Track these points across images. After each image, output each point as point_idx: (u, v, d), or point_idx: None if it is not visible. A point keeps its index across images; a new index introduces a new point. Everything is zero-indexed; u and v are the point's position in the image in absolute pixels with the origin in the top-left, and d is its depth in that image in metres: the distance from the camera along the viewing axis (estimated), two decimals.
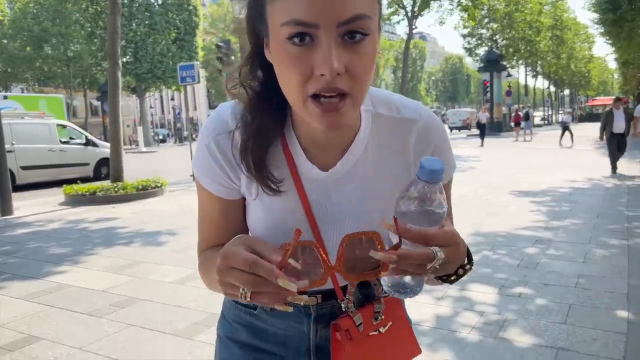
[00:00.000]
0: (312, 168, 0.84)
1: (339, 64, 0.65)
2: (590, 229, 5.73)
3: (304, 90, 0.68)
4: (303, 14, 0.64)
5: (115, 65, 9.86)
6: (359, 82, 0.69)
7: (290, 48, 0.67)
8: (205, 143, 0.85)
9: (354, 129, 0.84)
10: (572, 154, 15.75)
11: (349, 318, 0.90)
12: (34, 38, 32.10)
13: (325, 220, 0.87)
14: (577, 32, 52.79)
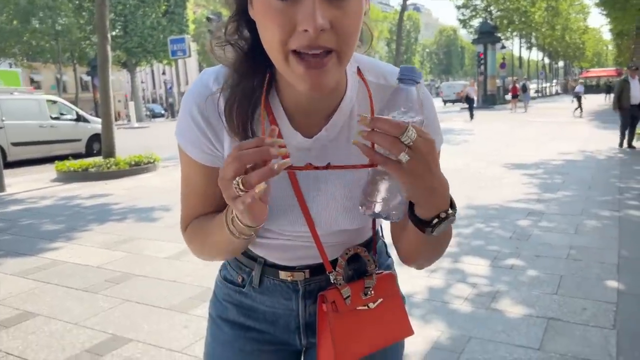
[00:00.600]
0: (296, 135, 0.82)
1: (323, 19, 0.63)
2: (582, 201, 5.78)
3: (286, 46, 0.66)
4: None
5: (104, 39, 9.67)
6: (345, 39, 0.66)
7: (273, 2, 0.65)
8: (188, 109, 0.83)
9: (339, 93, 0.82)
10: (566, 126, 15.76)
11: (336, 290, 0.90)
12: (21, 11, 31.37)
13: (309, 187, 0.86)
14: (572, 3, 52.27)
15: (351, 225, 0.89)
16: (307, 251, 0.93)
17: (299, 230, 0.89)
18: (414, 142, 0.63)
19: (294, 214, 0.87)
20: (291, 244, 0.93)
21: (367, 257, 0.94)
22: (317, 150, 0.84)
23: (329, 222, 0.88)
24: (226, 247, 0.83)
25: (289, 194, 0.86)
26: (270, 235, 0.93)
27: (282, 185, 0.85)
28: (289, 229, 0.89)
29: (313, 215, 0.87)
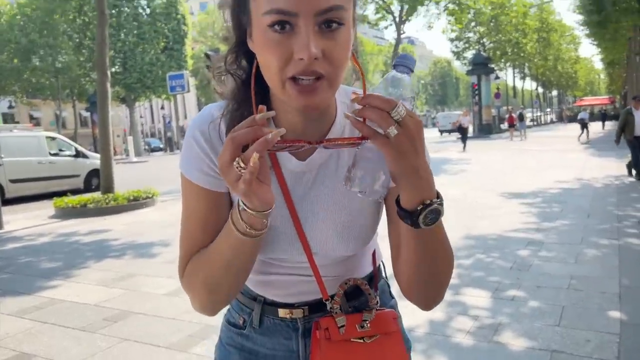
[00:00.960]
0: (291, 158, 0.86)
1: (316, 49, 0.69)
2: (581, 230, 5.78)
3: (284, 73, 0.72)
4: (284, 4, 0.69)
5: (104, 76, 9.81)
6: (335, 66, 0.73)
7: (272, 35, 0.71)
8: (191, 134, 0.87)
9: (329, 119, 0.87)
10: (562, 154, 15.88)
11: (331, 318, 0.91)
12: (22, 50, 31.84)
13: (305, 210, 0.89)
14: (563, 34, 53.40)
15: (347, 250, 0.91)
16: (306, 286, 0.93)
17: (297, 258, 0.90)
18: (402, 119, 0.68)
19: (291, 238, 0.89)
20: (290, 279, 0.94)
21: (367, 290, 0.95)
22: (310, 174, 0.88)
23: (325, 246, 0.90)
24: (234, 257, 0.81)
25: (285, 218, 0.88)
26: (269, 270, 0.94)
27: (279, 209, 0.87)
28: (286, 255, 0.91)
29: (309, 239, 0.89)
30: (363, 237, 0.93)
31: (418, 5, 24.63)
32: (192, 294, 0.90)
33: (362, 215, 0.91)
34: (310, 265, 0.90)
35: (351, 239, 0.90)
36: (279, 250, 0.90)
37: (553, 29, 48.12)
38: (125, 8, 33.18)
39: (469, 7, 27.14)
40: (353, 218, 0.90)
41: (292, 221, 0.88)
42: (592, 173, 10.69)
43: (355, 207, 0.90)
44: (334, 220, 0.89)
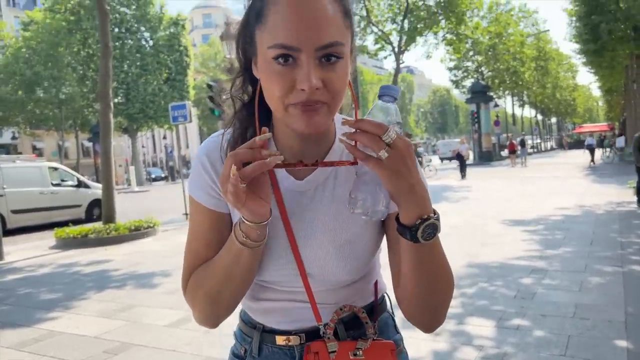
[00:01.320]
0: (289, 177, 0.91)
1: (316, 80, 0.75)
2: (585, 257, 5.74)
3: (286, 101, 0.78)
4: (288, 40, 0.75)
5: (107, 107, 9.93)
6: (334, 95, 0.79)
7: (276, 66, 0.77)
8: (199, 158, 0.94)
9: (328, 142, 0.93)
10: (562, 181, 15.89)
11: (322, 342, 0.91)
12: (26, 82, 32.26)
13: (300, 227, 0.91)
14: (560, 62, 54.03)
15: (343, 272, 0.92)
16: (303, 313, 0.94)
17: (292, 281, 0.92)
18: (393, 142, 0.73)
19: (286, 258, 0.91)
20: (287, 306, 0.95)
21: (364, 318, 0.95)
22: (308, 194, 0.92)
23: (320, 267, 0.91)
24: (234, 266, 0.85)
25: (281, 237, 0.91)
26: (268, 296, 0.96)
27: (275, 228, 0.90)
28: (282, 277, 0.92)
29: (304, 259, 0.91)
30: (359, 260, 0.93)
31: (416, 36, 25.02)
32: (194, 306, 0.94)
33: (359, 238, 0.92)
34: (305, 287, 0.91)
35: (347, 260, 0.91)
36: (275, 271, 0.91)
37: (550, 58, 48.74)
38: (128, 40, 33.77)
39: (466, 37, 27.55)
40: (350, 239, 0.91)
41: (288, 241, 0.91)
42: (594, 200, 10.68)
43: (352, 229, 0.92)
44: (330, 240, 0.91)
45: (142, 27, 34.71)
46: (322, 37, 0.75)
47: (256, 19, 0.81)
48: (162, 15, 35.31)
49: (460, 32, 25.63)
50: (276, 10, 0.77)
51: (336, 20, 0.78)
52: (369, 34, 25.30)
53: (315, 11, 0.76)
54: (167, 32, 35.48)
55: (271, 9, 0.78)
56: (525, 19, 43.53)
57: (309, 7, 0.76)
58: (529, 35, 42.03)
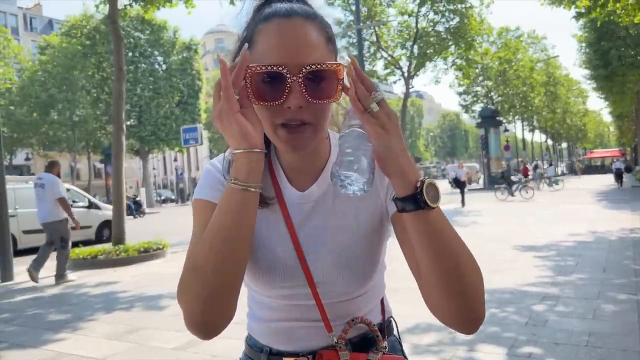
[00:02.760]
0: (292, 189, 0.96)
1: (301, 99, 0.82)
2: (598, 284, 5.65)
3: (275, 121, 0.85)
4: (273, 60, 0.82)
5: (119, 130, 10.06)
6: (318, 115, 0.86)
7: (264, 87, 0.83)
8: (208, 166, 1.01)
9: (324, 156, 0.98)
10: (574, 206, 15.73)
11: (334, 352, 0.92)
12: (41, 104, 32.89)
13: (302, 237, 0.95)
14: (570, 88, 54.09)
15: (343, 282, 0.93)
16: (311, 332, 0.95)
17: (301, 290, 0.93)
18: (381, 102, 0.80)
19: (293, 266, 0.93)
20: (295, 326, 0.96)
21: (375, 331, 0.97)
22: (309, 206, 0.96)
23: (326, 275, 0.93)
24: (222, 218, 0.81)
25: (287, 245, 0.94)
26: (275, 316, 0.97)
27: (282, 236, 0.94)
28: (290, 283, 0.93)
29: (311, 268, 0.93)
30: (359, 270, 0.95)
31: (426, 61, 25.25)
32: (180, 296, 0.87)
33: (359, 246, 0.95)
34: (312, 295, 0.93)
35: (346, 270, 0.93)
36: (282, 282, 0.93)
37: (560, 83, 48.84)
38: (142, 64, 34.41)
39: (476, 62, 27.78)
40: (350, 247, 0.94)
41: (294, 249, 0.93)
42: (607, 226, 10.55)
43: (351, 238, 0.95)
44: (330, 250, 0.94)
45: (156, 51, 35.39)
46: (306, 58, 0.82)
47: (247, 45, 0.87)
48: (176, 40, 36.02)
49: (469, 57, 25.82)
50: (263, 36, 0.85)
51: (319, 46, 0.85)
52: (379, 59, 25.58)
53: (298, 37, 0.83)
54: (180, 57, 36.12)
55: (259, 36, 0.85)
56: (534, 45, 43.86)
57: (293, 33, 0.83)
58: (539, 61, 42.20)
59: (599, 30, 25.17)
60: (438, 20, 24.91)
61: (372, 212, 0.97)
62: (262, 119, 0.85)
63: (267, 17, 0.86)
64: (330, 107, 0.88)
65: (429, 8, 24.66)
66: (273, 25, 0.84)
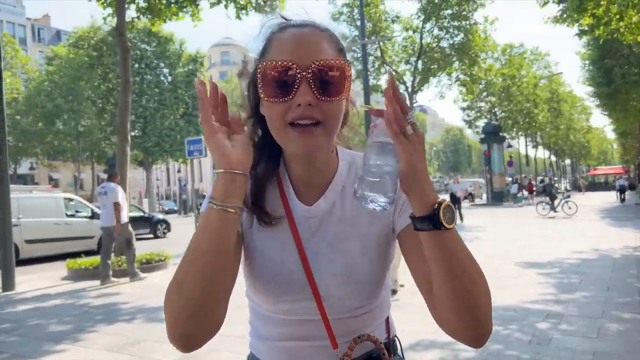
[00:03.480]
0: (299, 204, 0.98)
1: (311, 96, 0.84)
2: (602, 303, 5.61)
3: (286, 118, 0.86)
4: (286, 57, 0.85)
5: (124, 140, 10.10)
6: (328, 115, 0.87)
7: (276, 87, 0.86)
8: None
9: (331, 170, 1.00)
10: (577, 223, 15.67)
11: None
12: (47, 114, 33.10)
13: (310, 249, 0.96)
14: (574, 105, 54.15)
15: (347, 295, 0.94)
16: (315, 351, 0.95)
17: (307, 304, 0.93)
18: (413, 124, 0.80)
19: (299, 279, 0.94)
20: (296, 345, 0.96)
21: (381, 349, 0.97)
22: (316, 220, 0.97)
23: (328, 290, 0.93)
24: (207, 235, 0.81)
25: (294, 258, 0.95)
26: (278, 332, 0.97)
27: (289, 250, 0.95)
28: (295, 300, 0.94)
29: (316, 281, 0.93)
30: (364, 284, 0.95)
31: (430, 77, 25.38)
32: (165, 305, 0.85)
33: (365, 260, 0.95)
34: (318, 307, 0.93)
35: (351, 283, 0.94)
36: (288, 295, 0.94)
37: (563, 100, 48.90)
38: (148, 76, 34.65)
39: (480, 78, 27.89)
40: (356, 261, 0.95)
41: (300, 262, 0.94)
42: (610, 243, 10.49)
43: (358, 252, 0.96)
44: (338, 263, 0.95)
45: (162, 63, 35.66)
46: (315, 57, 0.85)
47: (261, 56, 0.93)
48: (182, 52, 36.31)
49: (473, 73, 25.94)
50: (276, 42, 0.90)
51: (330, 50, 0.89)
52: (383, 74, 25.70)
53: (310, 40, 0.88)
54: (186, 69, 36.39)
55: (273, 43, 0.90)
56: (538, 62, 44.00)
57: (305, 38, 0.88)
58: (542, 78, 42.34)
59: (603, 48, 25.28)
60: (442, 37, 25.08)
61: (378, 227, 0.98)
62: (274, 119, 0.88)
63: (282, 28, 0.92)
64: (340, 108, 0.90)
65: (433, 24, 24.84)
66: (286, 33, 0.90)
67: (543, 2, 12.17)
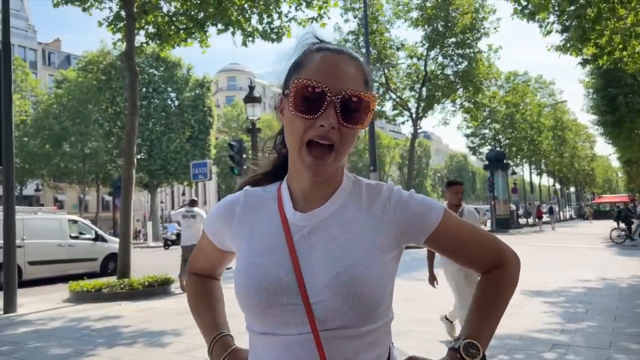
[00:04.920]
0: (295, 213, 1.00)
1: (334, 120, 0.91)
2: (609, 333, 5.52)
3: (305, 137, 0.92)
4: (318, 78, 0.92)
5: (130, 163, 10.16)
6: (345, 141, 0.94)
7: (303, 102, 0.92)
8: (218, 205, 1.13)
9: (334, 186, 1.02)
10: (583, 252, 15.54)
11: None
12: (54, 136, 33.42)
13: (302, 259, 0.95)
14: (578, 132, 54.25)
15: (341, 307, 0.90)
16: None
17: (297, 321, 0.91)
18: None
19: (290, 285, 0.93)
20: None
21: None
22: (311, 226, 0.99)
23: (322, 302, 0.91)
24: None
25: (286, 264, 0.95)
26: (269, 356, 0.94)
27: (281, 255, 0.96)
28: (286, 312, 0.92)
29: (307, 288, 0.92)
30: (362, 296, 0.91)
31: (434, 103, 25.56)
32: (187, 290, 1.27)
33: (360, 271, 0.92)
34: (307, 315, 0.90)
35: (347, 297, 0.90)
36: (280, 306, 0.92)
37: (568, 127, 49.02)
38: (155, 100, 35.03)
39: (484, 105, 28.06)
40: (349, 269, 0.93)
41: (292, 267, 0.94)
42: (617, 272, 10.38)
43: (352, 261, 0.94)
44: (330, 274, 0.92)
45: (169, 87, 36.09)
46: (346, 85, 0.92)
47: (294, 69, 0.98)
48: (189, 77, 36.77)
49: (477, 100, 26.11)
50: (312, 61, 0.95)
51: (359, 81, 0.96)
52: (387, 100, 25.93)
53: (343, 67, 0.94)
54: (193, 93, 36.79)
55: (308, 60, 0.96)
56: (542, 90, 44.27)
57: (339, 64, 0.94)
58: (546, 106, 42.54)
59: (606, 77, 25.45)
60: (447, 64, 25.37)
61: (379, 241, 0.97)
62: (294, 134, 0.94)
63: (318, 49, 0.98)
64: (356, 135, 0.97)
65: (438, 52, 25.15)
66: (322, 55, 0.96)
67: (546, 31, 12.33)
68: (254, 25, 11.35)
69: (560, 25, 12.39)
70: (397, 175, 69.43)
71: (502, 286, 1.10)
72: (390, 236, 0.98)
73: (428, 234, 1.01)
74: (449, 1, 23.74)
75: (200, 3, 11.08)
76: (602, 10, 10.83)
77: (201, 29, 11.47)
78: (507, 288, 1.11)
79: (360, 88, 0.94)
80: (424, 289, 6.31)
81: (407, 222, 1.00)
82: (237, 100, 53.67)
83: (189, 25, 11.48)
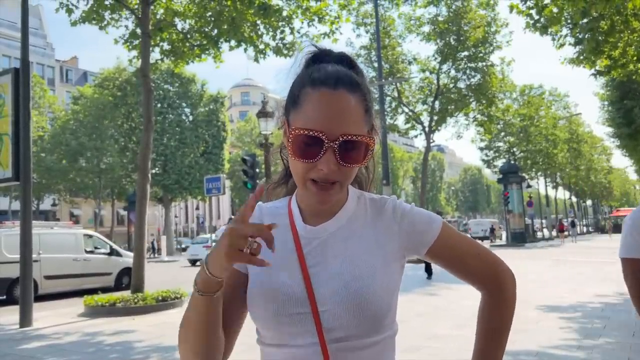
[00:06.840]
0: (305, 227, 1.03)
1: (334, 166, 0.92)
2: (627, 350, 5.42)
3: (307, 176, 0.94)
4: (316, 125, 0.91)
5: (145, 178, 10.26)
6: (347, 177, 0.96)
7: (302, 146, 0.92)
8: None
9: (341, 203, 1.05)
10: (601, 266, 15.28)
11: None
12: (71, 152, 33.93)
13: (315, 271, 0.98)
14: (594, 145, 53.62)
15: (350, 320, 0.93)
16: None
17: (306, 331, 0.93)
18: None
19: (300, 296, 0.95)
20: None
21: None
22: (320, 240, 1.01)
23: (331, 314, 0.94)
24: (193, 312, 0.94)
25: (297, 276, 0.97)
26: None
27: (292, 267, 0.98)
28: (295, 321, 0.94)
29: (317, 298, 0.94)
30: (370, 304, 0.94)
31: (447, 117, 25.49)
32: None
33: (368, 288, 0.95)
34: (315, 323, 0.93)
35: (356, 309, 0.93)
36: (289, 316, 0.94)
37: (583, 140, 48.48)
38: (169, 115, 35.50)
39: (497, 118, 27.91)
40: (357, 280, 0.96)
41: (303, 278, 0.96)
42: None
43: (360, 272, 0.97)
44: (339, 286, 0.95)
45: (184, 103, 36.57)
46: (344, 129, 0.91)
47: (292, 102, 0.97)
48: (203, 92, 37.25)
49: (491, 113, 26.00)
50: (309, 101, 0.93)
51: (358, 118, 0.94)
52: (400, 114, 25.94)
53: (341, 108, 0.92)
54: (207, 108, 37.23)
55: (305, 98, 0.94)
56: (557, 102, 43.95)
57: (337, 105, 0.92)
58: (561, 119, 42.20)
59: (621, 89, 25.23)
60: (459, 78, 25.33)
61: (386, 255, 1.00)
62: (296, 171, 0.96)
63: (315, 84, 0.94)
64: (356, 170, 0.98)
65: (450, 66, 25.15)
66: (319, 94, 0.93)
67: (559, 44, 12.29)
68: (266, 42, 11.49)
69: (573, 37, 12.35)
70: (410, 189, 69.12)
71: (504, 313, 1.12)
72: (395, 248, 1.02)
73: (429, 246, 1.04)
74: (461, 15, 23.80)
75: (214, 20, 11.25)
76: (616, 22, 10.79)
77: (215, 45, 11.64)
78: (508, 314, 1.12)
79: (359, 124, 0.94)
80: (436, 304, 6.25)
81: (411, 234, 1.03)
82: (251, 114, 54.11)
83: (203, 42, 11.65)
